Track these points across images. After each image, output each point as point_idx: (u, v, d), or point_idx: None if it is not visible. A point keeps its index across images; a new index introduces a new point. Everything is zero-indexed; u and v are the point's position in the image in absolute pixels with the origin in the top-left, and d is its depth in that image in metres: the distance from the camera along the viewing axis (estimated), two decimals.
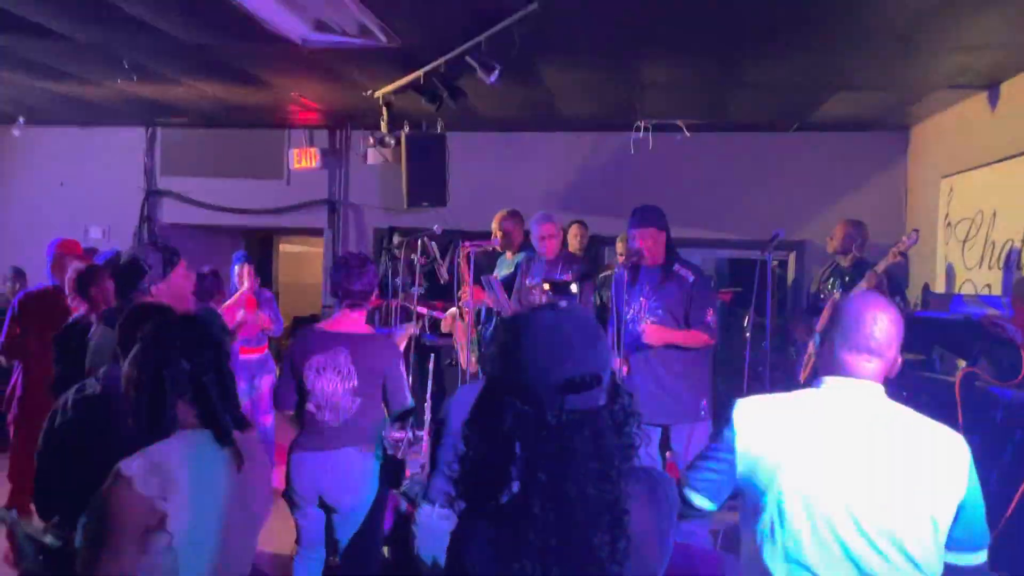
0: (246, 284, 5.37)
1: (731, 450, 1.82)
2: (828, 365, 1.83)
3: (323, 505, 3.18)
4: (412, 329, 4.49)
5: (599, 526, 1.24)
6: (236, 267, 5.53)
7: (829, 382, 1.81)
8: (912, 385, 5.04)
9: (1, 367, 5.35)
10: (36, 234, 7.43)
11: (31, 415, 4.20)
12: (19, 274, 6.59)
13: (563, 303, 1.37)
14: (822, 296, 4.89)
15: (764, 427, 1.80)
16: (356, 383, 3.12)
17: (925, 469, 1.70)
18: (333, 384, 3.12)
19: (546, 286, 3.89)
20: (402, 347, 3.97)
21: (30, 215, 7.96)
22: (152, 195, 8.05)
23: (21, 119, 7.38)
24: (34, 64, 5.43)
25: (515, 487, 1.28)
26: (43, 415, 3.62)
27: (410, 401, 3.27)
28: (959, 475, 1.70)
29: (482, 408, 1.33)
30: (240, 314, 5.02)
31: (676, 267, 4.02)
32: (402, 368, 3.28)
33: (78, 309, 3.79)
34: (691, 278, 3.98)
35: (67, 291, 4.08)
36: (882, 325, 1.79)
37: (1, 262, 7.04)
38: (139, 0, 4.06)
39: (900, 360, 1.84)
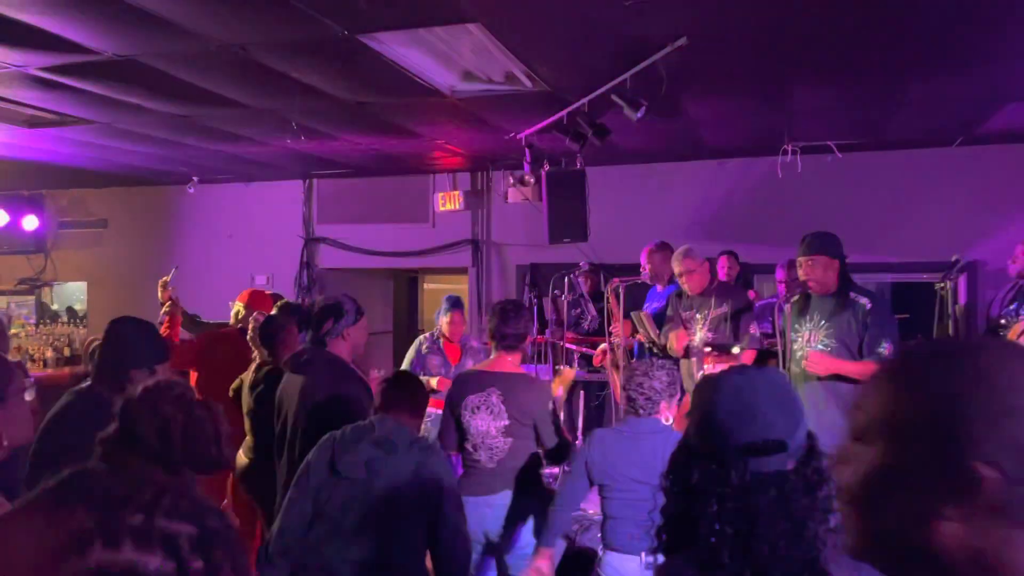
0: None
1: None
2: None
3: (490, 545, 3.25)
4: (570, 373, 4.49)
5: None
6: (444, 317, 5.27)
7: None
8: None
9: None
10: (208, 282, 8.09)
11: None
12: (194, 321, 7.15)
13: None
14: (1003, 321, 4.52)
15: None
16: (507, 422, 3.19)
17: None
18: (486, 423, 3.21)
19: (708, 349, 3.81)
20: (559, 392, 3.99)
21: (203, 265, 8.65)
22: (310, 242, 8.57)
23: (195, 178, 8.09)
24: (211, 130, 5.94)
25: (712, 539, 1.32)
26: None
27: (556, 440, 3.29)
28: None
29: (675, 464, 1.41)
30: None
31: (852, 295, 3.80)
32: (551, 408, 3.31)
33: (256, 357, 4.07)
34: (868, 306, 3.74)
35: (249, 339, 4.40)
36: None
37: None
38: (308, 67, 4.38)
39: None
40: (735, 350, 3.70)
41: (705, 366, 3.58)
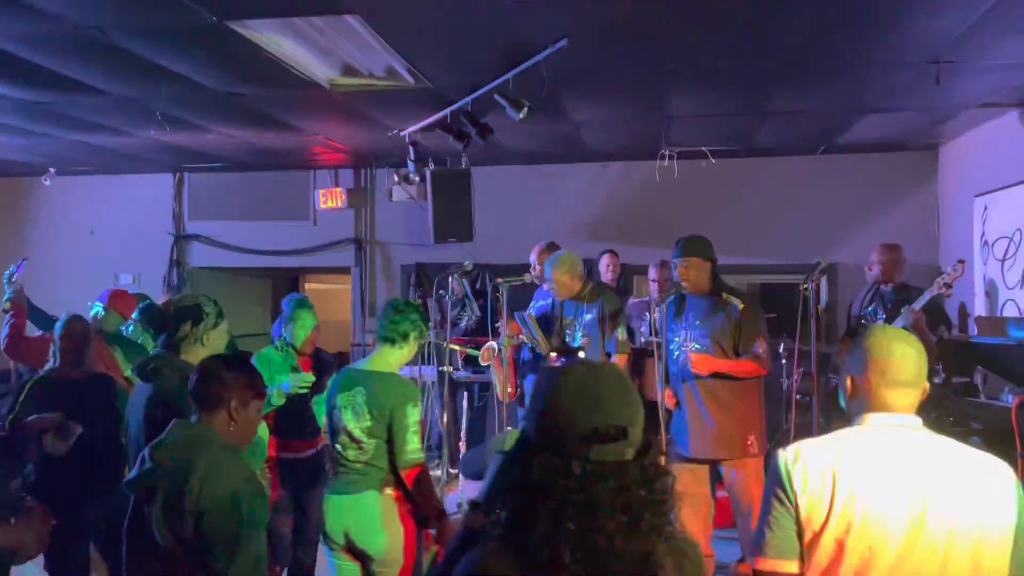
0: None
1: (789, 498, 1.81)
2: (868, 402, 1.86)
3: (352, 550, 3.13)
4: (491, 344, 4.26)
5: None
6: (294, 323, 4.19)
7: (872, 419, 1.84)
8: (958, 410, 4.94)
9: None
10: (68, 281, 7.54)
11: None
12: (50, 320, 6.66)
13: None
14: (864, 322, 4.81)
15: (814, 469, 1.80)
16: (369, 423, 3.06)
17: (979, 496, 1.73)
18: (352, 423, 3.10)
19: (553, 355, 3.81)
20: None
21: (62, 263, 8.05)
22: (181, 239, 8.13)
23: (52, 169, 7.50)
24: (68, 118, 5.52)
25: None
26: None
27: (413, 452, 3.07)
28: (1010, 500, 1.74)
29: (513, 460, 1.35)
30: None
31: (724, 296, 3.95)
32: (411, 411, 3.07)
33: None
34: (740, 306, 3.89)
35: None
36: (914, 358, 1.85)
37: None
38: (174, 53, 4.13)
39: (927, 387, 1.88)
40: (581, 354, 3.75)
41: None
